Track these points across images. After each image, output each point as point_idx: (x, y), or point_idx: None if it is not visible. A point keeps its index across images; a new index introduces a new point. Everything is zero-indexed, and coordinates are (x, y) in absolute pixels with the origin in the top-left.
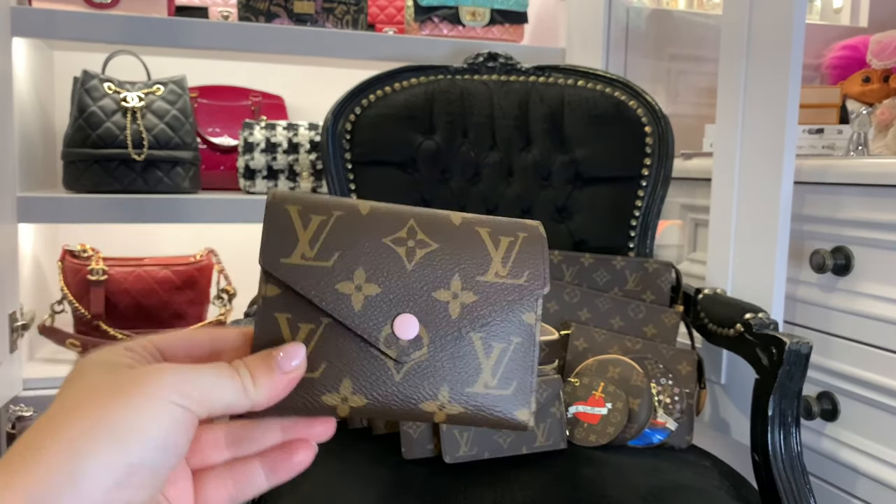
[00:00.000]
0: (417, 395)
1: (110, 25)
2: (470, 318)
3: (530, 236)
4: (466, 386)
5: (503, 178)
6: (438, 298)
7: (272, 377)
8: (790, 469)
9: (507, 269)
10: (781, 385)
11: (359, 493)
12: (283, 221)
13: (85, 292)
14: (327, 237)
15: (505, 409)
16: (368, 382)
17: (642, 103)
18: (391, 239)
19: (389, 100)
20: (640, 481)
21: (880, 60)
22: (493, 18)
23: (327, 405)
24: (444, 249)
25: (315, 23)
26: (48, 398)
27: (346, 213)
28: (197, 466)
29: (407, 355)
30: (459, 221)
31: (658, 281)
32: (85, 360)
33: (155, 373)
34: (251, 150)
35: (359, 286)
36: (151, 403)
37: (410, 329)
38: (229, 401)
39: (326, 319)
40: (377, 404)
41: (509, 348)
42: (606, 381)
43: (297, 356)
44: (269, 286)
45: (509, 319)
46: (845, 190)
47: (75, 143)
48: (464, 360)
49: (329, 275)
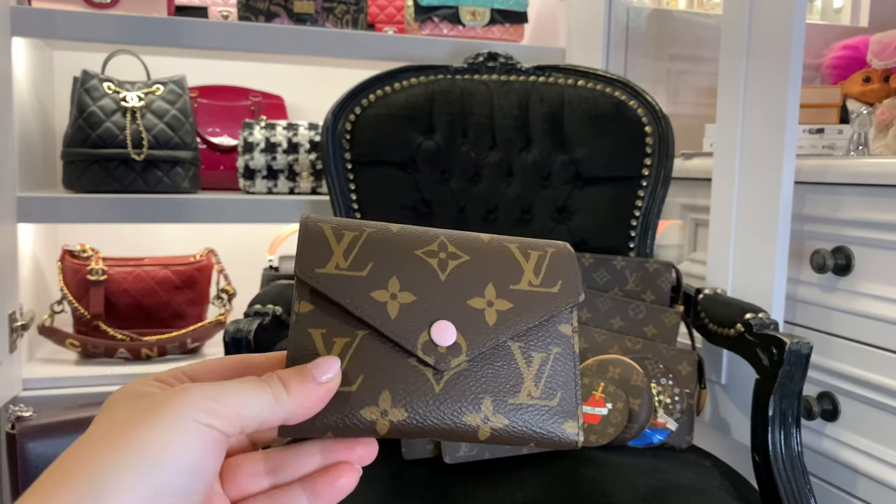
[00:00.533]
0: (459, 406)
1: (110, 25)
2: (507, 325)
3: (559, 252)
4: (510, 396)
5: (503, 178)
6: (474, 306)
7: (305, 386)
8: (790, 469)
9: (539, 279)
10: (782, 385)
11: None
12: (317, 237)
13: (84, 292)
14: (360, 250)
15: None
16: (408, 394)
17: (642, 103)
18: (423, 251)
19: (389, 100)
20: (640, 481)
21: (881, 60)
22: (493, 18)
23: (367, 420)
24: (476, 261)
25: (315, 22)
26: (48, 398)
27: (378, 230)
28: (236, 497)
29: (446, 363)
30: (488, 239)
31: (658, 281)
32: (115, 393)
33: (179, 394)
34: (251, 150)
35: (394, 294)
36: (176, 425)
37: (448, 335)
38: (259, 413)
39: (362, 332)
40: (418, 417)
41: (549, 358)
42: (607, 381)
43: (332, 368)
44: (303, 303)
45: (546, 329)
46: (845, 190)
47: (75, 143)
48: (504, 369)
49: (364, 283)
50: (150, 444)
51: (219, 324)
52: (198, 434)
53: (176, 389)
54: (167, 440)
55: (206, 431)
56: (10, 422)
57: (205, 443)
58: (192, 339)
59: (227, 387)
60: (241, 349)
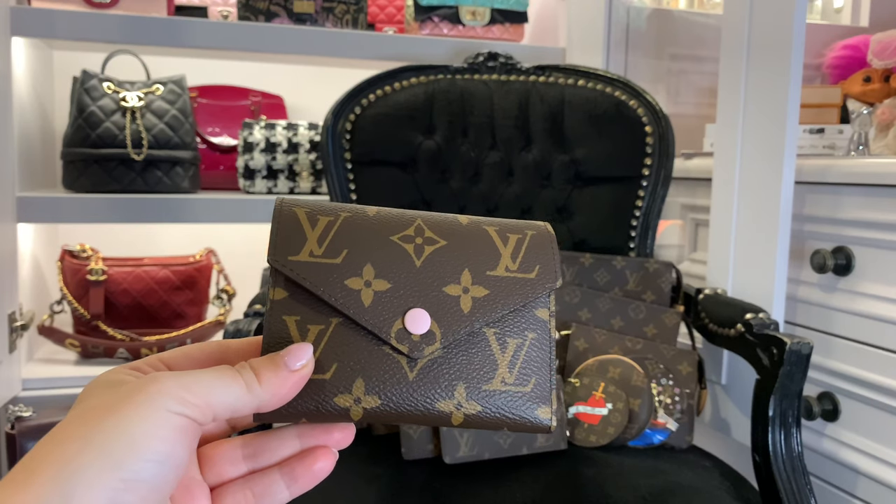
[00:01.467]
0: (433, 393)
1: (110, 25)
2: (482, 312)
3: (538, 234)
4: (483, 383)
5: (503, 178)
6: (449, 293)
7: (278, 374)
8: (791, 469)
9: (517, 264)
10: (782, 385)
11: (359, 493)
12: (290, 222)
13: (84, 292)
14: (335, 236)
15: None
16: (381, 382)
17: (643, 103)
18: (399, 237)
19: (389, 99)
20: (640, 482)
21: (881, 60)
22: (493, 18)
23: (340, 406)
24: (453, 246)
25: (315, 22)
26: (47, 398)
27: (354, 214)
28: (214, 482)
29: (419, 351)
30: (467, 221)
31: (658, 281)
32: (90, 383)
33: (149, 383)
34: (251, 150)
35: (368, 282)
36: (146, 415)
37: (422, 323)
38: (232, 402)
39: (336, 319)
40: (391, 405)
41: (525, 344)
42: (607, 381)
43: (304, 355)
44: (277, 289)
45: (523, 315)
46: (846, 190)
47: (75, 143)
48: (479, 356)
49: (337, 271)
50: (120, 434)
51: (218, 324)
52: (168, 423)
53: (147, 378)
54: (137, 430)
55: (177, 420)
56: (10, 422)
57: (175, 432)
58: (192, 340)
59: (198, 376)
60: None
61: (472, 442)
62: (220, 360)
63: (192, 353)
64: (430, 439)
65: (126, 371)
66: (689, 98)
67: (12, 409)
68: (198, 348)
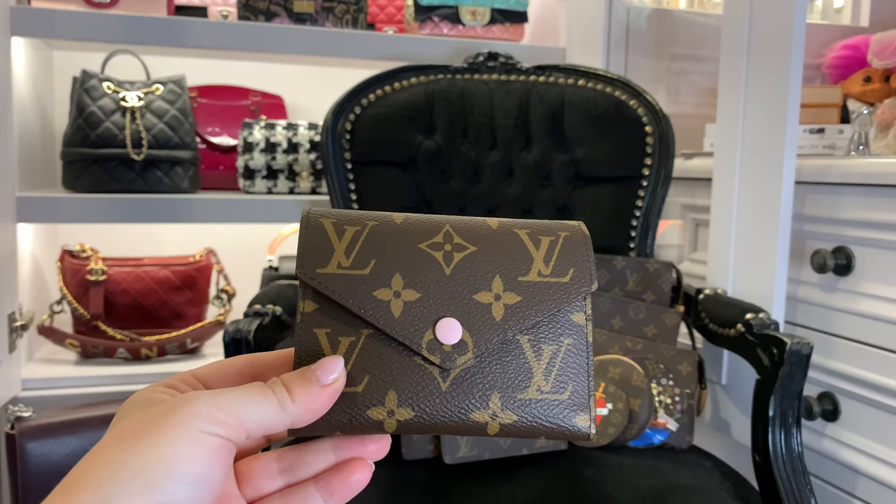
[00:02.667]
0: (467, 404)
1: (109, 25)
2: (515, 319)
3: (572, 235)
4: (518, 392)
5: (503, 178)
6: (480, 301)
7: (309, 390)
8: (791, 469)
9: (549, 269)
10: (782, 385)
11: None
12: (318, 234)
13: (84, 292)
14: (363, 246)
15: (562, 415)
16: (414, 393)
17: (643, 103)
18: (427, 244)
19: (389, 99)
20: (640, 482)
21: (881, 60)
22: (493, 18)
23: (373, 420)
24: (483, 252)
25: (315, 22)
26: (47, 398)
27: (381, 223)
28: (252, 497)
29: (452, 361)
30: (497, 225)
31: (659, 281)
32: (127, 401)
33: (182, 404)
34: (251, 150)
35: (397, 292)
36: (180, 436)
37: (453, 333)
38: (264, 419)
39: (366, 330)
40: (425, 416)
41: (560, 350)
42: (607, 381)
43: (335, 369)
44: (307, 302)
45: (557, 320)
46: (846, 190)
47: (74, 143)
48: (513, 364)
49: (366, 282)
50: (154, 457)
51: (218, 324)
52: (203, 444)
53: (181, 398)
54: (172, 452)
55: (211, 441)
56: (10, 422)
57: (210, 452)
58: (192, 340)
59: (231, 395)
60: (240, 349)
61: (472, 442)
62: (252, 374)
63: (225, 369)
64: (430, 439)
65: (160, 389)
66: (689, 98)
67: (12, 409)
68: (230, 363)
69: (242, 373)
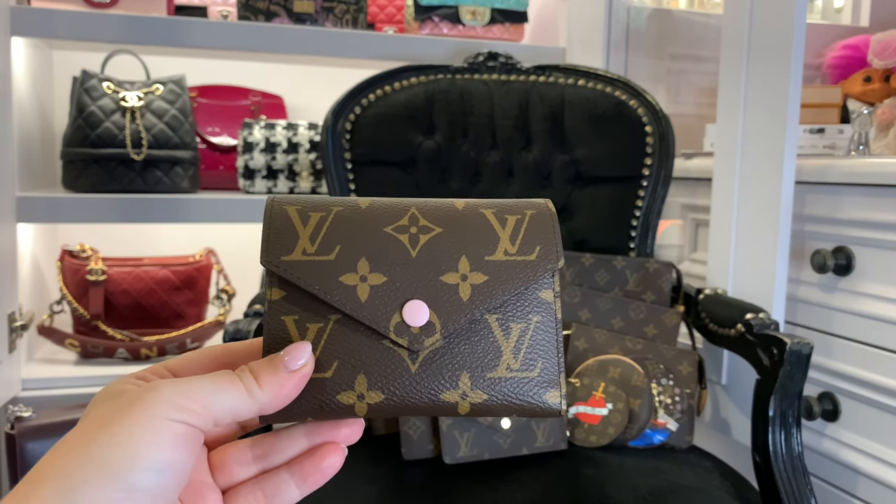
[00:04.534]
0: (436, 385)
1: (109, 25)
2: (482, 299)
3: (538, 213)
4: (488, 371)
5: (503, 178)
6: (447, 282)
7: (277, 376)
8: (791, 469)
9: (516, 247)
10: (782, 385)
11: (359, 493)
12: (282, 221)
13: (84, 292)
14: (327, 232)
15: (532, 392)
16: (384, 376)
17: (643, 103)
18: (393, 227)
19: (389, 99)
20: (640, 482)
21: (881, 60)
22: (493, 18)
23: (344, 404)
24: (449, 233)
25: (315, 22)
26: (47, 398)
27: (346, 208)
28: (225, 485)
29: (420, 343)
30: (463, 206)
31: (659, 281)
32: (97, 393)
33: (150, 391)
34: (250, 150)
35: (363, 276)
36: (147, 424)
37: (420, 315)
38: (232, 406)
39: (334, 316)
40: (395, 399)
41: (529, 328)
42: (607, 381)
43: (302, 354)
44: (273, 290)
45: (525, 298)
46: (846, 190)
47: (74, 143)
48: (481, 343)
49: (332, 268)
50: (119, 445)
51: (218, 324)
52: (168, 431)
53: (147, 386)
54: (137, 440)
55: (176, 428)
56: (10, 422)
57: (175, 440)
58: (192, 340)
59: (198, 382)
60: None
61: (472, 442)
62: (224, 363)
63: (197, 359)
64: (430, 439)
65: (130, 381)
66: (690, 98)
67: (12, 409)
68: (202, 353)
69: (215, 362)
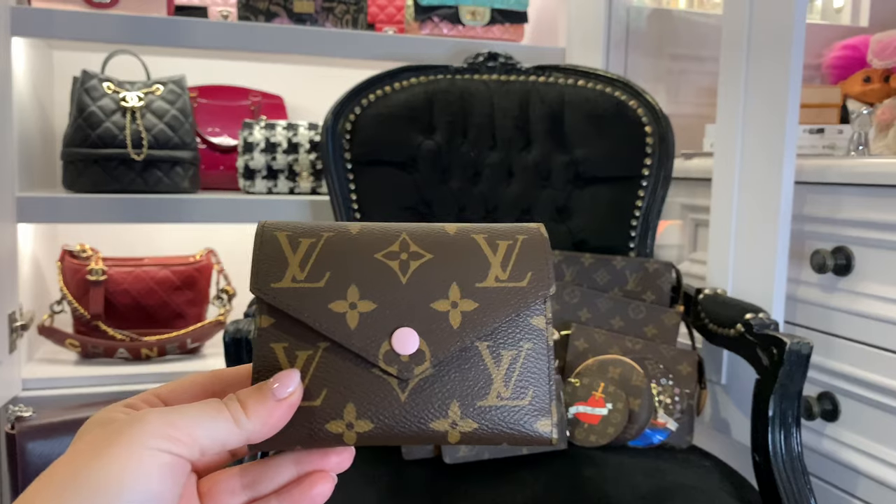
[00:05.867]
0: (426, 414)
1: (110, 25)
2: (472, 326)
3: (530, 238)
4: (478, 399)
5: (503, 178)
6: (437, 309)
7: (265, 404)
8: (791, 469)
9: (507, 273)
10: (782, 385)
11: (359, 493)
12: (272, 247)
13: (84, 292)
14: (317, 258)
15: (523, 421)
16: (373, 405)
17: (643, 103)
18: (383, 254)
19: (389, 99)
20: (640, 482)
21: (881, 60)
22: (493, 18)
23: (332, 433)
24: (439, 259)
25: (315, 22)
26: (47, 398)
27: (336, 234)
28: None
29: (409, 371)
30: (454, 231)
31: (658, 281)
32: (87, 421)
33: (135, 422)
34: (251, 150)
35: (353, 304)
36: (133, 454)
37: (410, 343)
38: (219, 435)
39: (323, 344)
40: (384, 428)
41: (520, 355)
42: (607, 381)
43: (291, 382)
44: (263, 317)
45: (517, 325)
46: (846, 190)
47: (75, 143)
48: (472, 371)
49: (321, 295)
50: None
51: (219, 324)
52: (154, 461)
53: (135, 416)
54: (123, 470)
55: (163, 458)
56: (10, 422)
57: (162, 470)
58: (192, 340)
59: (184, 411)
60: (240, 349)
61: None
62: (213, 391)
63: (186, 386)
64: None
65: (119, 409)
66: (689, 98)
67: (12, 409)
68: (191, 380)
69: (205, 389)
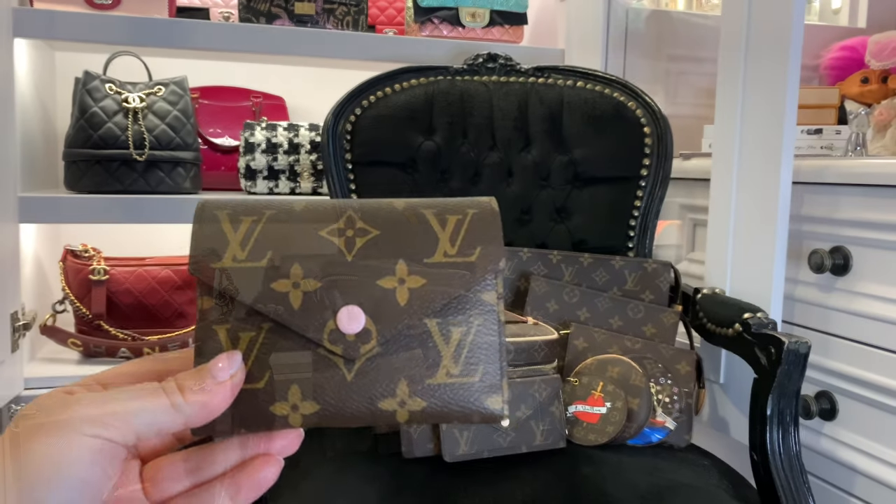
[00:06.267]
0: (374, 393)
1: (111, 26)
2: (420, 303)
3: (481, 212)
4: (427, 377)
5: (503, 179)
6: (384, 286)
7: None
8: (789, 468)
9: (456, 248)
10: (780, 384)
11: (359, 491)
12: (211, 227)
13: (86, 292)
14: (259, 237)
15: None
16: (318, 386)
17: (641, 104)
18: (328, 231)
19: (389, 100)
20: (639, 480)
21: (878, 61)
22: (492, 19)
23: (277, 416)
24: (386, 235)
25: (315, 24)
26: None
27: (279, 212)
28: (158, 499)
29: (355, 351)
30: (403, 206)
31: (657, 281)
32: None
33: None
34: (252, 151)
35: (296, 283)
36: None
37: (356, 322)
38: (154, 420)
39: (266, 325)
40: (331, 409)
41: (470, 331)
42: (606, 380)
43: (231, 365)
44: (205, 298)
45: (466, 300)
46: (843, 190)
47: (77, 144)
48: (420, 349)
49: (263, 274)
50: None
51: None
52: (84, 447)
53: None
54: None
55: (92, 443)
56: None
57: (92, 455)
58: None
59: (119, 395)
60: None
61: (471, 440)
62: (156, 374)
63: (128, 371)
64: (430, 438)
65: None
66: (688, 99)
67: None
68: (134, 364)
69: (148, 373)
